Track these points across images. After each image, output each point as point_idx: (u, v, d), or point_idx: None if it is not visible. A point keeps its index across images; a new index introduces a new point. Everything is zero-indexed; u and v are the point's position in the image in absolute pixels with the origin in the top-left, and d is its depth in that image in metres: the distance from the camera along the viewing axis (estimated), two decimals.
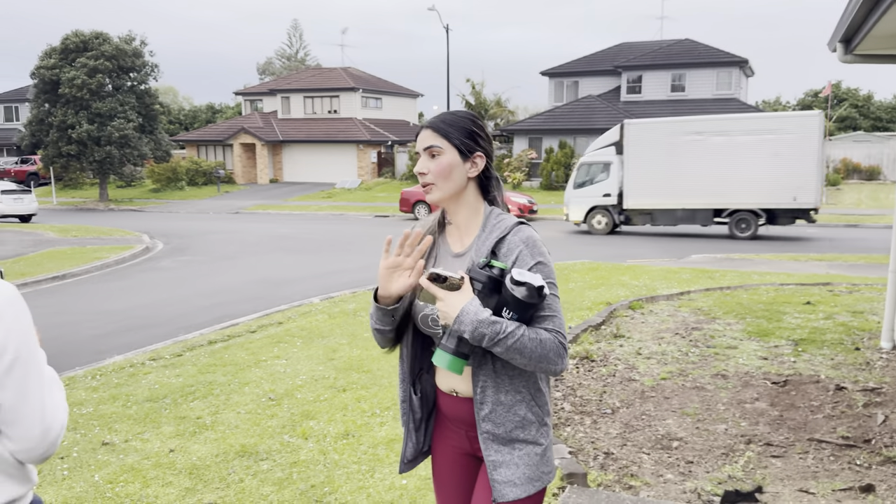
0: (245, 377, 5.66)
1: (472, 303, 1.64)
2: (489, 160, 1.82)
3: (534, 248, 1.72)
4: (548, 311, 1.68)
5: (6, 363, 1.34)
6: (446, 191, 1.79)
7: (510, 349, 1.63)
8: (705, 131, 16.52)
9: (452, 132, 1.78)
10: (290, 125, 40.08)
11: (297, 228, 20.49)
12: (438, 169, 1.77)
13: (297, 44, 67.37)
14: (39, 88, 29.99)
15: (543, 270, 1.70)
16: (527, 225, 1.78)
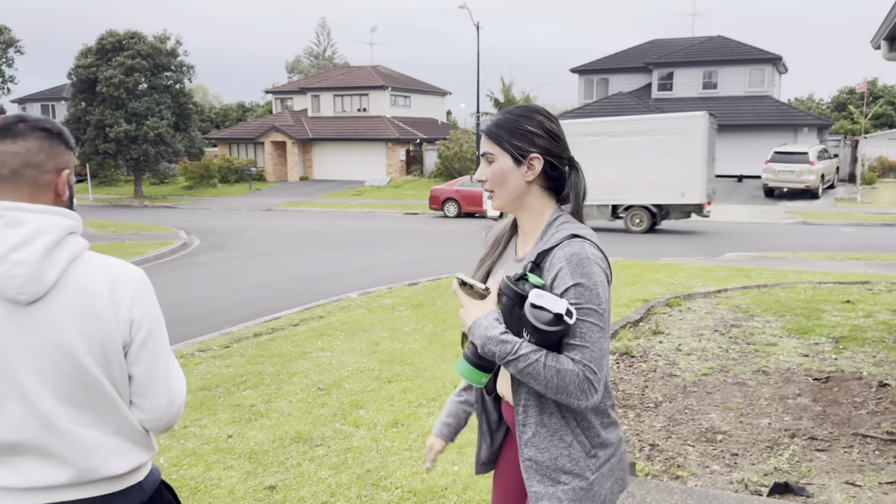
0: (293, 368, 5.83)
1: (488, 316, 1.57)
2: (555, 158, 1.68)
3: (577, 266, 1.54)
4: (578, 339, 1.52)
5: (140, 339, 1.48)
6: (505, 198, 1.70)
7: (522, 373, 1.52)
8: (601, 132, 17.33)
9: (503, 135, 1.67)
10: (319, 123, 40.47)
11: (329, 225, 20.75)
12: (493, 176, 1.69)
13: (324, 42, 67.90)
14: (77, 87, 30.67)
15: (582, 294, 1.53)
16: (582, 239, 1.59)
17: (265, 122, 40.82)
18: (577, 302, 1.53)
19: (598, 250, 1.60)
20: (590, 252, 1.57)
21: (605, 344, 1.55)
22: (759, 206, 24.44)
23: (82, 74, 30.16)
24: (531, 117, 1.69)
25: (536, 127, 1.68)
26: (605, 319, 1.55)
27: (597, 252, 1.59)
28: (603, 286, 1.56)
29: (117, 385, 1.47)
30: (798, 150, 25.43)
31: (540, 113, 1.71)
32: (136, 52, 30.18)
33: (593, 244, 1.61)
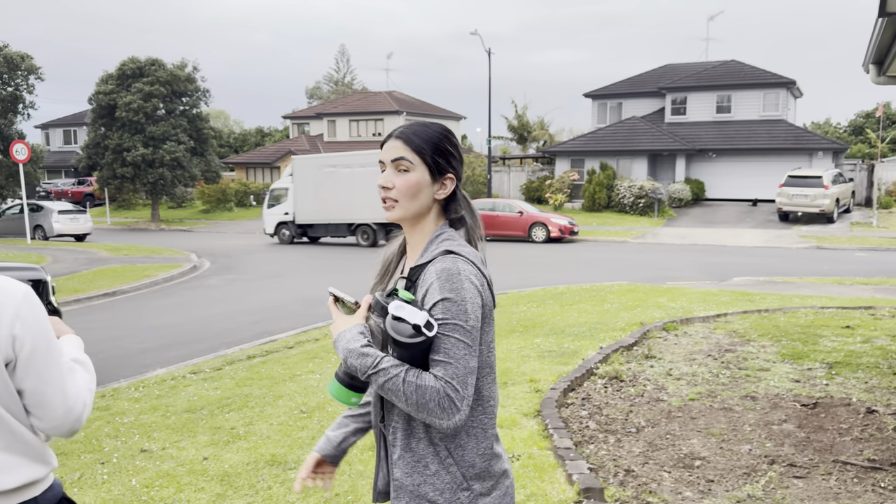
0: (279, 391, 5.85)
1: (352, 329, 1.55)
2: (458, 182, 1.69)
3: (446, 281, 1.51)
4: (442, 355, 1.48)
5: (25, 355, 1.51)
6: (409, 210, 1.65)
7: (384, 389, 1.49)
8: (337, 164, 21.52)
9: (426, 148, 1.63)
10: (335, 148, 40.87)
11: (335, 251, 20.87)
12: (405, 186, 1.62)
13: (344, 68, 68.82)
14: (97, 113, 31.31)
15: (449, 309, 1.49)
16: (455, 255, 1.56)
17: (282, 147, 41.31)
18: (443, 317, 1.50)
19: (472, 266, 1.57)
20: (462, 267, 1.54)
21: (470, 361, 1.50)
22: (773, 230, 24.23)
23: (102, 100, 30.80)
24: (449, 137, 1.69)
25: (454, 148, 1.69)
26: (472, 336, 1.51)
27: (470, 268, 1.56)
28: (472, 302, 1.52)
29: (3, 401, 1.50)
30: (812, 175, 25.24)
31: (453, 135, 1.72)
32: (155, 78, 30.80)
33: (468, 260, 1.57)
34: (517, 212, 22.56)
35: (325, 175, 21.51)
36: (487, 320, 1.60)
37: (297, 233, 22.58)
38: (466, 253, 1.59)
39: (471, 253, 1.61)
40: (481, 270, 1.61)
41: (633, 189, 29.05)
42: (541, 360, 6.63)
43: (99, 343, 8.52)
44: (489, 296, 1.60)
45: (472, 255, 1.60)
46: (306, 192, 21.85)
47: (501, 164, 37.25)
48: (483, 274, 1.60)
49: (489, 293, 1.60)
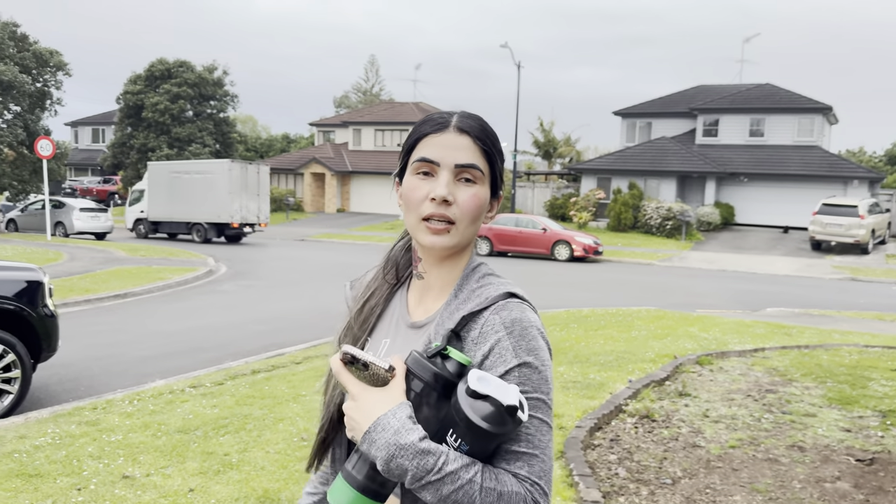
0: (281, 412, 5.42)
1: (398, 413, 1.05)
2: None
3: (521, 338, 1.11)
4: (524, 444, 1.08)
5: None
6: (465, 238, 1.21)
7: (446, 500, 1.03)
8: (181, 171, 24.97)
9: (498, 155, 1.23)
10: (359, 157, 40.73)
11: (359, 258, 20.52)
12: (474, 205, 1.18)
13: (373, 79, 68.98)
14: (124, 112, 31.45)
15: (529, 379, 1.10)
16: (520, 301, 1.16)
17: (306, 154, 41.26)
18: (523, 390, 1.09)
19: (536, 315, 1.18)
20: (533, 319, 1.15)
21: (552, 448, 1.11)
22: (805, 259, 23.47)
23: (130, 100, 30.93)
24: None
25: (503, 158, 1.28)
26: (551, 413, 1.12)
27: (537, 318, 1.17)
28: (550, 366, 1.14)
29: None
30: (848, 203, 24.47)
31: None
32: (184, 80, 30.86)
33: (531, 307, 1.18)
34: (540, 228, 22.07)
35: (172, 179, 24.85)
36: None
37: (150, 229, 25.75)
38: (527, 296, 1.19)
39: (527, 294, 1.20)
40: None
41: (660, 210, 28.42)
42: (564, 392, 6.14)
43: (102, 347, 8.18)
44: None
45: (530, 298, 1.20)
46: (158, 194, 25.12)
47: (526, 179, 36.80)
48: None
49: None
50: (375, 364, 1.08)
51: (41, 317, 5.76)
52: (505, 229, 22.40)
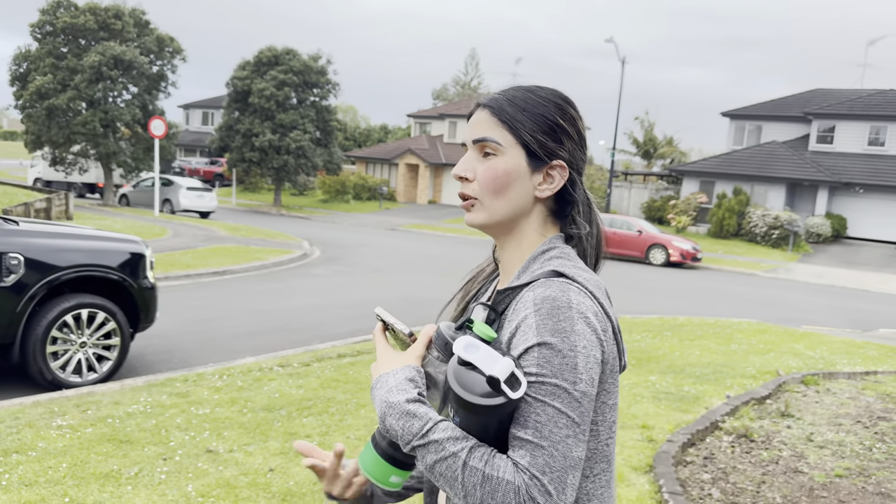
0: (363, 398, 5.40)
1: (399, 374, 1.06)
2: (578, 174, 1.17)
3: (549, 317, 1.01)
4: (531, 432, 0.97)
5: None
6: (496, 212, 1.14)
7: (434, 471, 0.99)
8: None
9: (524, 121, 1.13)
10: (453, 149, 40.83)
11: (446, 250, 20.53)
12: (489, 177, 1.13)
13: (472, 72, 69.00)
14: (232, 97, 32.69)
15: (550, 361, 0.99)
16: (567, 281, 1.06)
17: (402, 145, 41.74)
18: (538, 373, 0.99)
19: (592, 301, 1.06)
20: (575, 300, 1.03)
21: (575, 448, 0.98)
22: None
23: (238, 86, 32.12)
24: (564, 108, 1.15)
25: (570, 123, 1.15)
26: (581, 409, 0.99)
27: (588, 303, 1.05)
28: (587, 355, 1.01)
29: None
30: None
31: (572, 105, 1.17)
32: (289, 67, 31.76)
33: (585, 291, 1.06)
34: (636, 231, 21.39)
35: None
36: (608, 386, 1.08)
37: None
38: (585, 280, 1.08)
39: (591, 281, 1.09)
40: (605, 309, 1.08)
41: (766, 218, 26.97)
42: (655, 403, 5.83)
43: (198, 322, 8.47)
44: (614, 349, 1.08)
45: (592, 284, 1.09)
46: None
47: (623, 179, 35.81)
48: (608, 315, 1.09)
49: (614, 345, 1.08)
50: (398, 328, 1.13)
51: (142, 288, 5.98)
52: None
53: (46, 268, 5.35)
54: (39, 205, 17.55)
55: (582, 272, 1.09)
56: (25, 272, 5.22)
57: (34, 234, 5.47)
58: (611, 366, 1.07)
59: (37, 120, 25.37)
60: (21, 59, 26.49)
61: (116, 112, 25.27)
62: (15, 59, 26.58)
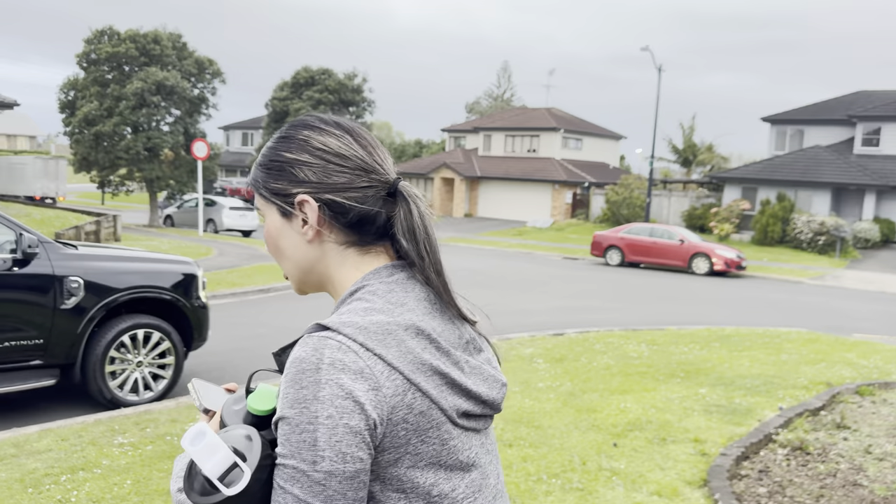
0: None
1: (181, 459, 1.02)
2: (341, 193, 1.01)
3: (291, 384, 0.89)
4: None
5: None
6: (291, 274, 1.08)
7: None
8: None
9: (259, 177, 1.06)
10: (488, 162, 40.91)
11: (485, 263, 20.54)
12: (266, 243, 1.09)
13: (504, 84, 69.15)
14: (271, 117, 33.38)
15: (288, 439, 0.88)
16: (330, 333, 0.92)
17: (437, 159, 41.99)
18: (280, 452, 0.89)
19: (358, 355, 0.90)
20: (327, 359, 0.89)
21: None
22: None
23: (277, 106, 32.78)
24: (291, 137, 1.04)
25: (299, 150, 1.02)
26: (327, 492, 0.86)
27: (349, 358, 0.90)
28: (331, 426, 0.86)
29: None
30: None
31: (307, 126, 1.05)
32: (325, 86, 32.31)
33: (350, 345, 0.91)
34: (677, 240, 21.11)
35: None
36: (417, 447, 0.93)
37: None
38: (361, 328, 0.92)
39: (376, 325, 0.93)
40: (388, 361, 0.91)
41: (812, 224, 26.38)
42: (707, 416, 5.75)
43: (247, 339, 8.63)
44: (419, 403, 0.92)
45: (375, 332, 0.92)
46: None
47: (662, 187, 35.43)
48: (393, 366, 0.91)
49: (418, 398, 0.92)
50: (198, 401, 1.08)
51: (194, 307, 6.13)
52: (638, 239, 21.63)
53: (104, 290, 5.54)
54: (89, 227, 18.11)
55: (366, 316, 0.94)
56: (85, 295, 5.41)
57: (92, 257, 5.67)
58: (415, 427, 0.92)
59: (84, 145, 26.21)
60: (69, 88, 27.43)
61: (159, 137, 25.96)
62: (63, 88, 27.54)
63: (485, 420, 1.04)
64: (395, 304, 0.98)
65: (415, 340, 0.94)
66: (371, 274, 1.02)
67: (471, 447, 1.00)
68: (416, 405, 0.92)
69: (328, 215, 1.02)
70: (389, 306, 0.97)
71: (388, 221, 1.04)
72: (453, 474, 0.96)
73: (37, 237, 5.23)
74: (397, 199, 1.04)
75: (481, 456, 1.02)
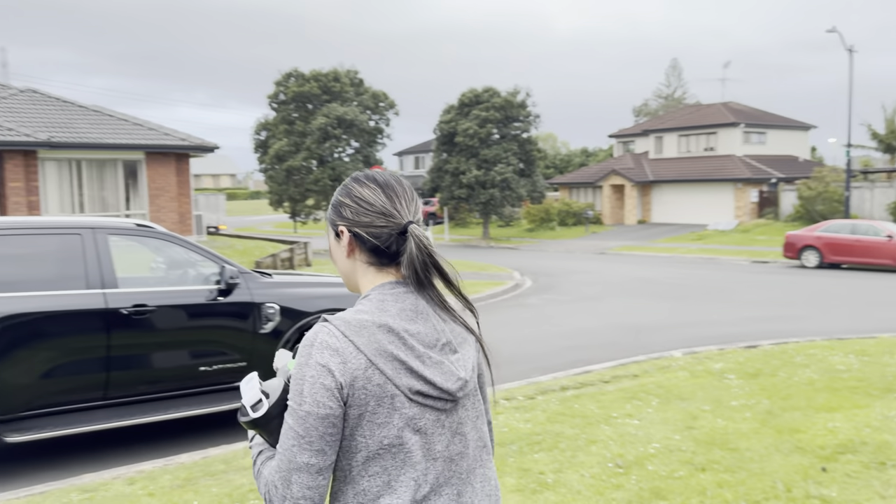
0: (593, 434, 5.28)
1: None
2: (364, 228, 1.41)
3: (299, 354, 1.35)
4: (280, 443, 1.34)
5: None
6: (341, 276, 1.52)
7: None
8: None
9: (328, 210, 1.54)
10: (661, 165, 39.26)
11: (662, 272, 19.64)
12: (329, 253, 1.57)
13: (674, 83, 66.26)
14: (439, 140, 34.44)
15: (292, 387, 1.34)
16: (324, 323, 1.36)
17: (605, 166, 41.01)
18: (290, 396, 1.34)
19: (338, 339, 1.32)
20: (319, 338, 1.34)
21: (298, 455, 1.30)
22: None
23: (444, 128, 33.78)
24: (344, 186, 1.49)
25: (345, 195, 1.47)
26: (305, 425, 1.30)
27: (331, 340, 1.33)
28: (312, 382, 1.30)
29: None
30: None
31: (355, 179, 1.48)
32: (491, 104, 32.81)
33: (335, 332, 1.33)
34: (885, 236, 18.87)
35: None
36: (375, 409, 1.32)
37: None
38: (345, 322, 1.34)
39: (355, 322, 1.34)
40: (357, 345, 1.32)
41: None
42: None
43: None
44: (377, 378, 1.32)
45: (354, 326, 1.34)
46: None
47: (862, 178, 31.90)
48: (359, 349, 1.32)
49: (376, 374, 1.32)
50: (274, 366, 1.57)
51: None
52: (837, 237, 19.60)
53: (297, 314, 5.95)
54: (284, 255, 19.71)
55: (355, 314, 1.35)
56: (281, 319, 5.85)
57: (285, 284, 6.12)
58: (373, 393, 1.31)
59: (277, 180, 28.68)
60: (261, 128, 30.22)
61: (342, 167, 27.76)
62: (256, 129, 30.38)
63: (443, 402, 1.37)
64: (380, 310, 1.37)
65: (383, 335, 1.34)
66: (378, 286, 1.42)
67: (423, 418, 1.35)
68: (375, 379, 1.32)
69: (357, 242, 1.44)
70: (375, 310, 1.37)
71: (398, 251, 1.42)
72: (404, 434, 1.33)
73: (237, 268, 5.75)
74: (407, 237, 1.40)
75: (434, 428, 1.37)
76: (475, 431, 1.44)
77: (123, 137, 20.26)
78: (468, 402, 1.43)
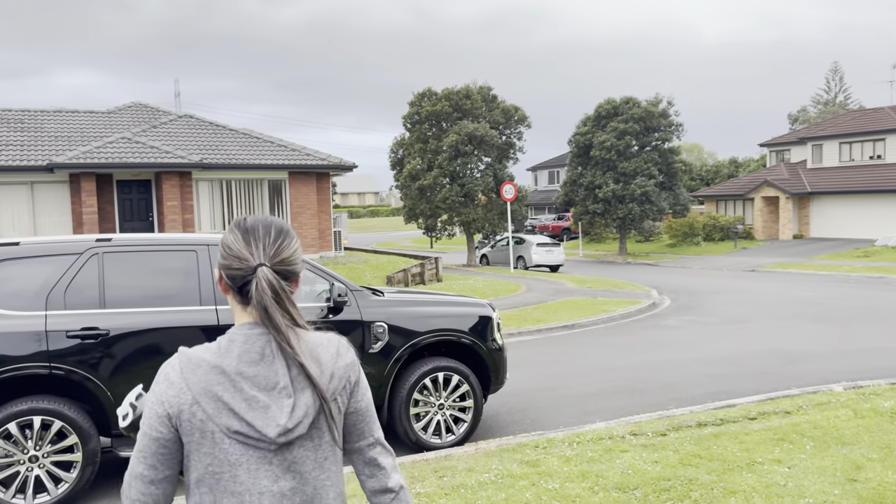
0: (732, 482, 4.59)
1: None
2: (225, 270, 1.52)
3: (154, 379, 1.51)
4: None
5: None
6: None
7: None
8: None
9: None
10: (820, 175, 36.01)
11: (822, 292, 17.75)
12: None
13: (835, 88, 61.08)
14: (574, 153, 33.61)
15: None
16: (177, 356, 1.48)
17: (756, 177, 38.21)
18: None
19: (175, 373, 1.45)
20: (165, 370, 1.48)
21: (136, 466, 1.46)
22: None
23: (580, 141, 32.93)
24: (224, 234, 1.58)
25: (222, 241, 1.56)
26: (143, 442, 1.46)
27: (170, 373, 1.46)
28: (150, 406, 1.45)
29: None
30: None
31: (230, 226, 1.57)
32: (630, 115, 31.60)
33: (177, 365, 1.46)
34: None
35: None
36: (198, 439, 1.44)
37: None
38: (185, 358, 1.47)
39: (193, 359, 1.45)
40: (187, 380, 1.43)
41: None
42: None
43: (549, 378, 8.42)
44: (199, 413, 1.42)
45: (191, 363, 1.45)
46: None
47: None
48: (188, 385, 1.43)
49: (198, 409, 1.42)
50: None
51: (490, 350, 6.05)
52: None
53: (408, 333, 5.72)
54: (415, 270, 19.85)
55: (201, 352, 1.46)
56: (390, 338, 5.64)
57: (396, 303, 5.91)
58: (197, 427, 1.42)
59: (411, 197, 29.16)
60: (397, 147, 30.87)
61: (472, 183, 27.78)
62: (392, 148, 31.09)
63: (266, 443, 1.42)
64: (224, 350, 1.46)
65: (214, 376, 1.43)
66: (238, 326, 1.51)
67: (241, 455, 1.43)
68: (198, 414, 1.42)
69: (225, 283, 1.54)
70: (218, 350, 1.46)
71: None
72: (223, 466, 1.44)
73: (346, 286, 5.61)
74: (253, 279, 1.47)
75: (259, 464, 1.43)
76: (319, 471, 1.48)
77: (269, 158, 21.38)
78: (309, 444, 1.46)
